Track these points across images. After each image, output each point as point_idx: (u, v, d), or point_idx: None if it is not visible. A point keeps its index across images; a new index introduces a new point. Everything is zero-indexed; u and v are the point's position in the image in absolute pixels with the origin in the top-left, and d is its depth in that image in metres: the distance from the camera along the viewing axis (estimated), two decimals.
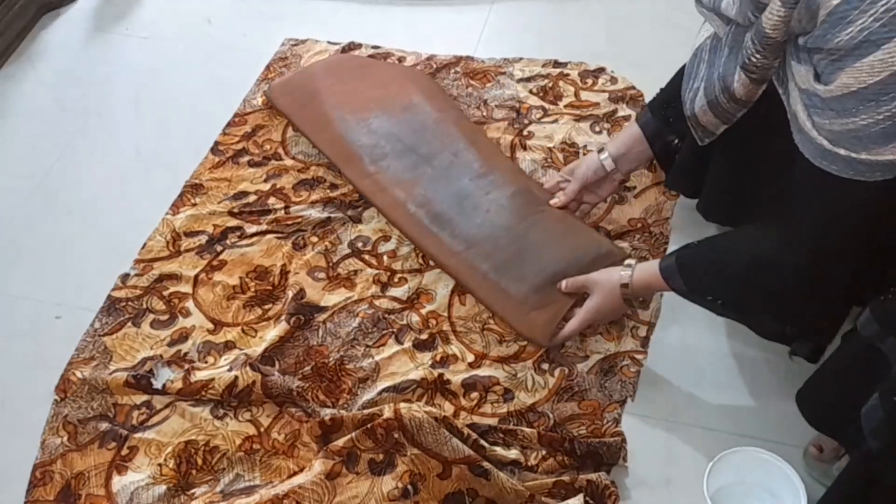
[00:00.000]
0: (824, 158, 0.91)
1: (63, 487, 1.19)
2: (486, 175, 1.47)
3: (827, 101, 0.88)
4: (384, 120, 1.58)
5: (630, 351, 1.29)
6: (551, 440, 1.18)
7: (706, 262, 1.12)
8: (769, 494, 1.13)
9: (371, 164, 1.52)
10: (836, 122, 0.87)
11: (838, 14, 0.83)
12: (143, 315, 1.38)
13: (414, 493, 1.13)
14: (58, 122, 1.72)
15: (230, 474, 1.19)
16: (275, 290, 1.40)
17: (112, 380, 1.28)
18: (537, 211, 1.41)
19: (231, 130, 1.66)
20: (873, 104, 0.83)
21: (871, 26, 0.80)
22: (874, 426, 0.88)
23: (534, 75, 1.71)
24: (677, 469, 1.18)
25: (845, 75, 0.84)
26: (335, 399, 1.26)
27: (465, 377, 1.27)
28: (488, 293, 1.33)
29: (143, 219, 1.51)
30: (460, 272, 1.36)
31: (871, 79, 0.82)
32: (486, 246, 1.37)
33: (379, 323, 1.34)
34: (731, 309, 1.13)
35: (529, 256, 1.35)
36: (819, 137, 0.91)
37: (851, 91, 0.84)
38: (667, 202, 1.48)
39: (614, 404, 1.24)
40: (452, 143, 1.53)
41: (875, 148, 0.86)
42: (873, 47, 0.81)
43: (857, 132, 0.86)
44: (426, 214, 1.43)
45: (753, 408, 1.23)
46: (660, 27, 1.76)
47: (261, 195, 1.54)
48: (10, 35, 1.85)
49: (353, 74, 1.69)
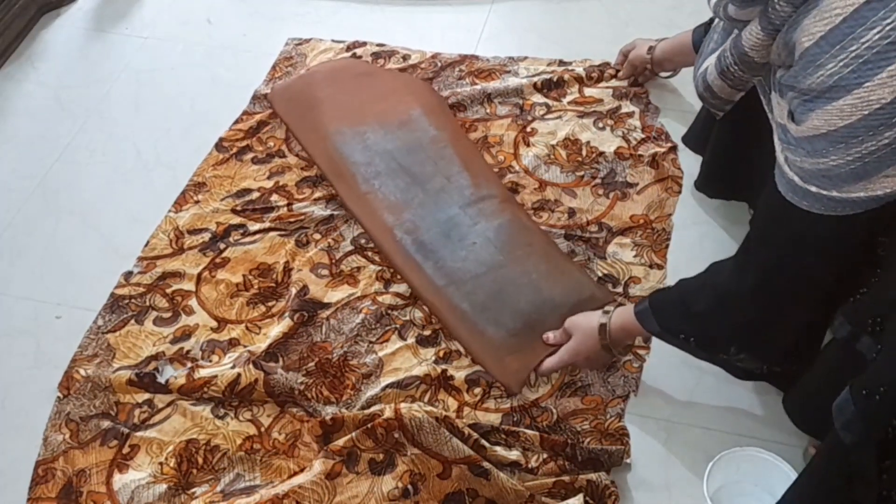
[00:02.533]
0: (795, 193, 0.91)
1: (65, 485, 1.20)
2: (476, 203, 1.46)
3: (798, 140, 0.88)
4: (381, 135, 1.57)
5: (632, 347, 1.30)
6: (553, 443, 1.18)
7: (676, 301, 1.13)
8: (769, 494, 1.13)
9: (363, 182, 1.51)
10: (806, 161, 0.88)
11: (808, 57, 0.84)
12: (146, 312, 1.38)
13: (414, 493, 1.13)
14: (58, 122, 1.72)
15: (231, 474, 1.20)
16: (278, 287, 1.40)
17: (115, 378, 1.28)
18: (524, 245, 1.40)
19: (235, 127, 1.66)
20: (843, 146, 0.83)
21: (841, 72, 0.81)
22: (846, 419, 0.88)
23: (539, 72, 1.71)
24: (677, 469, 1.18)
25: (816, 117, 0.84)
26: (339, 395, 1.26)
27: (468, 373, 1.28)
28: (465, 333, 1.32)
29: (143, 219, 1.51)
30: (440, 309, 1.34)
31: (840, 122, 0.82)
32: (466, 284, 1.36)
33: (382, 319, 1.35)
34: (703, 347, 1.13)
35: (509, 299, 1.33)
36: (790, 173, 0.91)
37: (821, 133, 0.84)
38: (669, 198, 1.49)
39: (617, 399, 1.25)
40: (446, 166, 1.52)
41: (846, 187, 0.86)
42: (843, 92, 0.81)
43: (827, 172, 0.86)
44: (412, 242, 1.42)
45: (753, 408, 1.23)
46: (660, 27, 1.76)
47: (264, 192, 1.54)
48: (10, 35, 1.85)
49: (353, 83, 1.68)
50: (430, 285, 1.37)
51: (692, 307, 1.09)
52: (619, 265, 1.40)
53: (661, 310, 1.13)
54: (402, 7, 1.90)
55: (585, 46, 1.75)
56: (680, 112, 1.61)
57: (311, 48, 1.81)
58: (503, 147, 1.59)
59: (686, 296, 1.11)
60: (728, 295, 1.05)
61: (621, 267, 1.40)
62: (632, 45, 1.66)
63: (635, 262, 1.40)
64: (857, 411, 0.87)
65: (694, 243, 1.42)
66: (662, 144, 1.56)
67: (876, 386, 0.86)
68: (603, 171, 1.53)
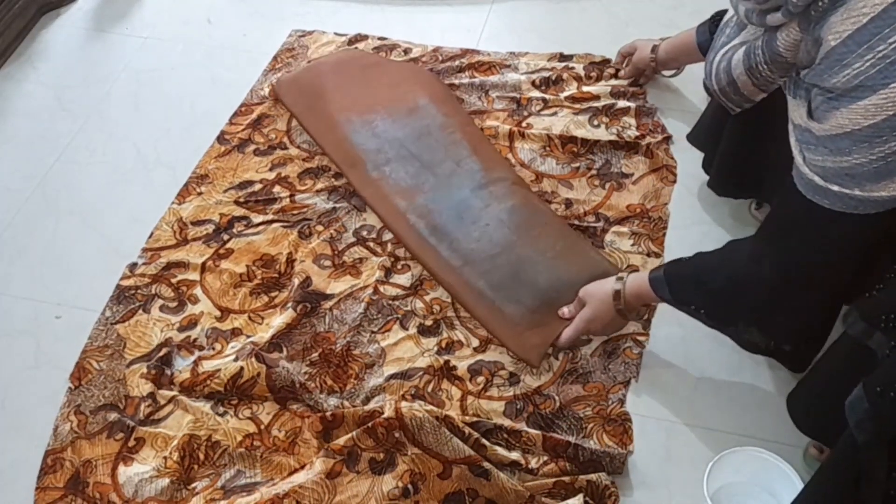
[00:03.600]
0: (816, 193, 0.92)
1: (73, 475, 1.20)
2: (487, 186, 1.47)
3: (820, 138, 0.88)
4: (389, 123, 1.58)
5: (632, 333, 1.30)
6: (555, 444, 1.18)
7: (691, 276, 1.14)
8: (769, 494, 1.13)
9: (374, 169, 1.52)
10: (828, 160, 0.88)
11: (835, 56, 0.84)
12: (152, 301, 1.39)
13: (414, 493, 1.13)
14: (58, 122, 1.72)
15: (231, 470, 1.20)
16: (281, 277, 1.41)
17: (129, 372, 1.30)
18: (536, 226, 1.41)
19: (237, 120, 1.67)
20: (867, 145, 0.84)
21: (868, 71, 0.81)
22: (859, 417, 0.88)
23: (538, 68, 1.71)
24: (677, 469, 1.18)
25: (840, 115, 0.85)
26: (342, 384, 1.27)
27: (470, 363, 1.29)
28: (483, 311, 1.34)
29: (143, 218, 1.51)
30: (457, 289, 1.36)
31: (865, 121, 0.83)
32: (483, 263, 1.38)
33: (384, 309, 1.36)
34: (714, 319, 1.15)
35: (525, 276, 1.35)
36: (810, 173, 0.91)
37: (845, 131, 0.85)
38: (665, 188, 1.50)
39: (618, 385, 1.25)
40: (456, 150, 1.53)
41: (868, 185, 0.87)
42: (869, 91, 0.81)
43: (850, 170, 0.87)
44: (426, 226, 1.43)
45: (753, 408, 1.23)
46: (660, 27, 1.76)
47: (266, 184, 1.55)
48: (10, 35, 1.85)
49: (360, 73, 1.69)
50: (447, 266, 1.38)
51: (707, 284, 1.10)
52: (618, 254, 1.41)
53: (675, 282, 1.14)
54: (402, 7, 1.90)
55: (585, 46, 1.75)
56: (681, 112, 1.61)
57: (313, 40, 1.82)
58: (498, 140, 1.59)
59: (702, 273, 1.12)
60: (744, 278, 1.06)
61: (619, 255, 1.41)
62: (631, 46, 1.65)
63: (633, 251, 1.41)
64: (871, 409, 0.86)
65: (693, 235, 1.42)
66: (656, 135, 1.57)
67: (890, 383, 0.86)
68: (598, 163, 1.54)
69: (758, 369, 1.27)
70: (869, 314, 0.94)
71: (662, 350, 1.30)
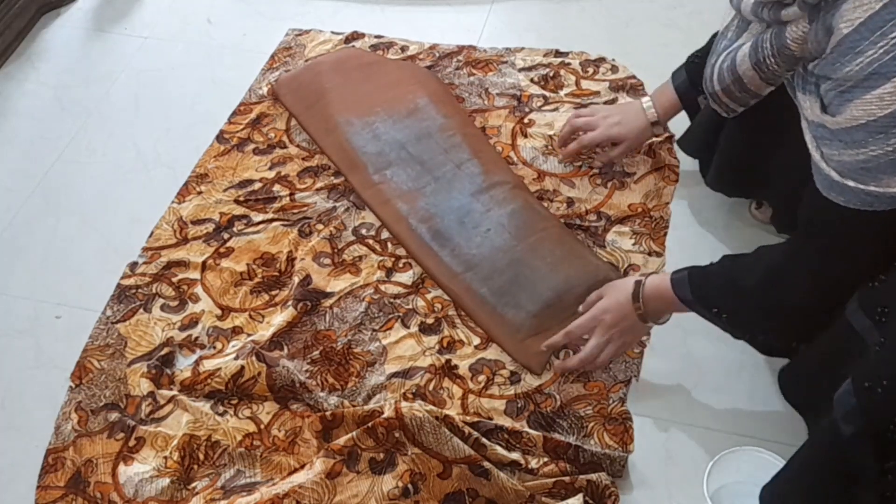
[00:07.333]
0: (832, 190, 0.91)
1: (74, 474, 1.20)
2: (488, 190, 1.47)
3: (835, 132, 0.87)
4: (389, 125, 1.58)
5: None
6: (556, 445, 1.17)
7: (720, 275, 1.11)
8: None
9: (375, 172, 1.52)
10: (844, 154, 0.87)
11: (848, 44, 0.83)
12: (153, 300, 1.39)
13: (414, 493, 1.13)
14: (58, 122, 1.72)
15: (231, 470, 1.20)
16: (281, 276, 1.41)
17: (130, 371, 1.30)
18: (537, 231, 1.41)
19: (236, 119, 1.67)
20: (883, 136, 0.82)
21: (882, 58, 0.80)
22: (847, 410, 0.88)
23: (535, 64, 1.72)
24: (677, 469, 1.18)
25: (854, 107, 0.83)
26: (344, 382, 1.27)
27: (471, 362, 1.29)
28: (486, 317, 1.33)
29: (143, 219, 1.51)
30: (459, 294, 1.36)
31: (880, 111, 0.81)
32: (484, 269, 1.37)
33: (385, 307, 1.36)
34: (736, 324, 1.12)
35: (526, 282, 1.35)
36: (828, 168, 0.90)
37: (860, 123, 0.83)
38: (666, 187, 1.49)
39: (619, 384, 1.25)
40: (456, 153, 1.53)
41: (884, 178, 0.86)
42: (883, 79, 0.80)
43: (866, 163, 0.85)
44: (428, 231, 1.43)
45: (753, 408, 1.23)
46: (659, 27, 1.76)
47: (266, 183, 1.55)
48: (10, 35, 1.85)
49: (359, 73, 1.69)
50: (448, 272, 1.38)
51: (740, 281, 1.07)
52: (619, 253, 1.41)
53: (700, 283, 1.11)
54: (401, 7, 1.90)
55: (585, 46, 1.75)
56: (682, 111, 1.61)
57: (310, 39, 1.82)
58: (501, 138, 1.59)
59: (734, 271, 1.09)
60: (781, 272, 1.03)
61: (621, 255, 1.41)
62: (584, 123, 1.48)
63: (634, 250, 1.41)
64: (858, 403, 0.87)
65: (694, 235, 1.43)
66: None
67: (878, 379, 0.86)
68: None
69: (758, 369, 1.27)
70: (866, 303, 0.94)
71: (663, 350, 1.30)
